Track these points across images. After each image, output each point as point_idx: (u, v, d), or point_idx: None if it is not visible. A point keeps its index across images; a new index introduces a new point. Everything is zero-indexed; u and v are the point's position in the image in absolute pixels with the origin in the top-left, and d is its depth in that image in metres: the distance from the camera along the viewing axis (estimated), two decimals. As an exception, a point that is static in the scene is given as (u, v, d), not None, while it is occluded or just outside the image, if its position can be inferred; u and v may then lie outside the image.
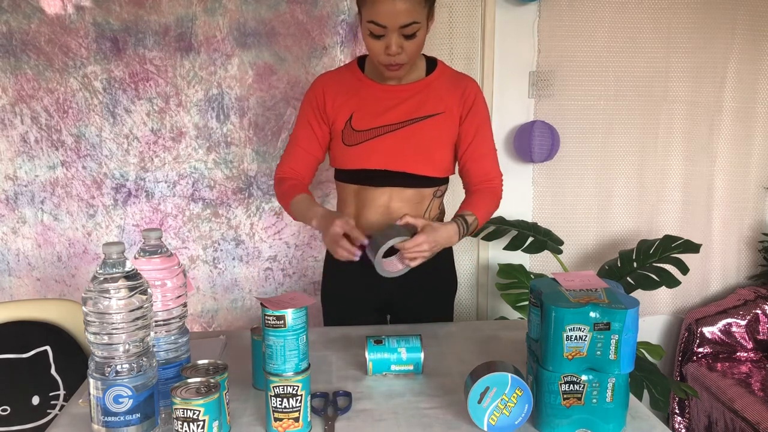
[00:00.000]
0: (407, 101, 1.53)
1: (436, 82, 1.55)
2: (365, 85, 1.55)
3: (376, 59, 1.44)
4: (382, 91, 1.53)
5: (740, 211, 2.54)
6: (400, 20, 1.35)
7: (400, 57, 1.41)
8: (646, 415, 1.13)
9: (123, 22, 2.13)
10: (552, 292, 1.07)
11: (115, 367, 0.95)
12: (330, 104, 1.55)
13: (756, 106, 2.46)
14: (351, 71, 1.58)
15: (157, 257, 1.08)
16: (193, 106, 2.21)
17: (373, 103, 1.53)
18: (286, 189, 1.57)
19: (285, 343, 1.02)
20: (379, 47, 1.40)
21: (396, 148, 1.52)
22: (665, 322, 2.62)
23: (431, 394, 1.20)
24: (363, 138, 1.52)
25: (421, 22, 1.39)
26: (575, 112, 2.40)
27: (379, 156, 1.52)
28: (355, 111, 1.53)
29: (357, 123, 1.53)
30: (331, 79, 1.58)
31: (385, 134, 1.52)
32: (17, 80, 2.13)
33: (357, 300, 1.64)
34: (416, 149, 1.52)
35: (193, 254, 2.30)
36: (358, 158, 1.53)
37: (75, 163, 2.20)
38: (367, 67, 1.57)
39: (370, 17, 1.37)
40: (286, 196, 1.56)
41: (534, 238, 2.26)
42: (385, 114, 1.52)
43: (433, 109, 1.53)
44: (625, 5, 2.34)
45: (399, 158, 1.52)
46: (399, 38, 1.38)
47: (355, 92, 1.55)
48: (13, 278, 2.25)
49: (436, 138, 1.54)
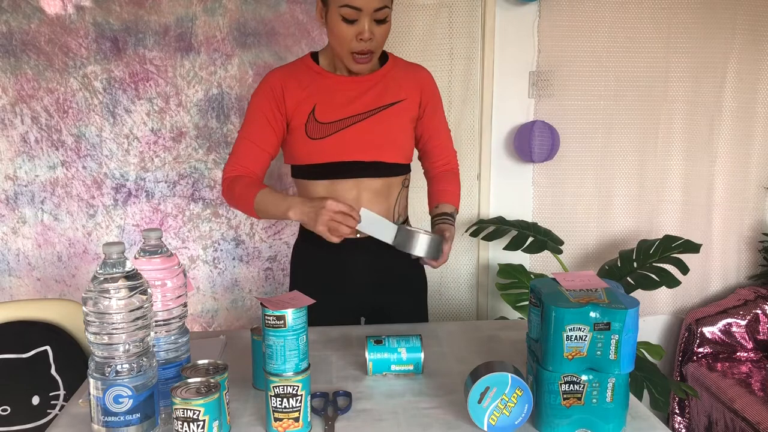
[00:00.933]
0: (369, 91, 1.53)
1: (392, 72, 1.56)
2: (324, 77, 1.53)
3: (345, 48, 1.43)
4: (343, 82, 1.52)
5: (740, 211, 2.54)
6: (374, 3, 1.37)
7: (371, 43, 1.42)
8: (646, 415, 1.13)
9: (123, 22, 2.13)
10: (552, 292, 1.07)
11: (115, 367, 0.95)
12: (290, 97, 1.51)
13: (756, 106, 2.46)
14: (305, 64, 1.55)
15: (157, 257, 1.08)
16: (193, 106, 2.21)
17: (335, 94, 1.52)
18: (243, 187, 1.48)
19: (285, 343, 1.02)
20: (350, 33, 1.40)
21: (365, 137, 1.51)
22: (665, 322, 2.62)
23: (431, 394, 1.20)
24: (330, 130, 1.50)
25: (390, 8, 1.42)
26: (575, 112, 2.40)
27: (350, 147, 1.50)
28: (318, 103, 1.50)
29: (321, 115, 1.50)
30: (287, 72, 1.54)
31: (353, 124, 1.51)
32: (17, 80, 2.13)
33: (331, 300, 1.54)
34: (384, 137, 1.53)
35: (193, 254, 2.30)
36: (328, 151, 1.50)
37: (75, 163, 2.20)
38: (323, 60, 1.55)
39: (345, 1, 1.37)
40: (246, 194, 1.47)
41: (534, 238, 2.26)
42: (350, 105, 1.51)
43: (395, 96, 1.54)
44: (625, 5, 2.34)
45: (370, 147, 1.51)
46: (371, 23, 1.40)
47: (314, 85, 1.52)
48: (13, 278, 2.25)
49: (400, 124, 1.56)
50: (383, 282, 1.61)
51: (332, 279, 1.58)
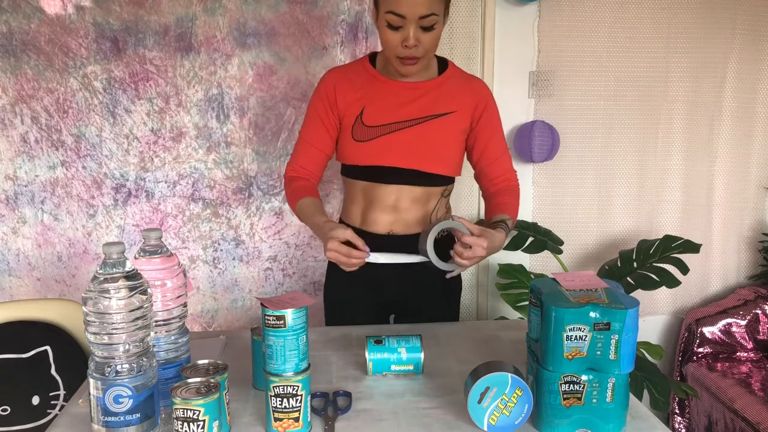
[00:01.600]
0: (420, 99, 1.52)
1: (448, 82, 1.54)
2: (377, 80, 1.53)
3: (392, 53, 1.42)
4: (395, 87, 1.52)
5: (740, 211, 2.54)
6: (419, 11, 1.34)
7: (417, 50, 1.40)
8: (646, 415, 1.13)
9: (123, 22, 2.13)
10: (552, 292, 1.07)
11: (115, 367, 0.95)
12: (341, 98, 1.53)
13: (756, 106, 2.46)
14: (363, 66, 1.56)
15: (157, 257, 1.08)
16: (193, 106, 2.21)
17: (385, 98, 1.52)
18: (294, 189, 1.55)
19: (285, 343, 1.02)
20: (396, 39, 1.39)
21: (408, 145, 1.50)
22: (665, 322, 2.62)
23: (431, 394, 1.20)
24: (374, 134, 1.51)
25: (439, 15, 1.38)
26: (575, 112, 2.40)
27: (390, 153, 1.51)
28: (367, 106, 1.52)
29: (368, 118, 1.51)
30: (342, 73, 1.57)
31: (397, 131, 1.50)
32: (17, 80, 2.13)
33: (360, 301, 1.64)
34: (428, 147, 1.51)
35: (193, 254, 2.30)
36: (369, 155, 1.52)
37: (75, 163, 2.20)
38: (379, 63, 1.55)
39: (389, 7, 1.35)
40: (294, 197, 1.54)
41: (534, 238, 2.26)
42: (398, 110, 1.51)
43: (446, 108, 1.52)
44: (625, 5, 2.34)
45: (410, 155, 1.51)
46: (417, 30, 1.37)
47: (367, 87, 1.53)
48: (13, 278, 2.25)
49: (447, 136, 1.53)
50: (418, 284, 1.60)
51: (368, 278, 1.56)
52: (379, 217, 1.57)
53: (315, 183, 1.60)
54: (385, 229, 1.57)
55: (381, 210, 1.56)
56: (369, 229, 1.58)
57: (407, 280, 1.58)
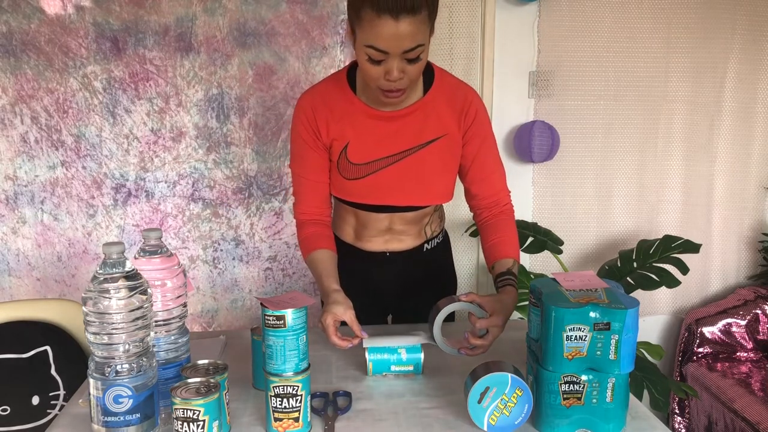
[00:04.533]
0: (407, 127, 1.37)
1: (436, 99, 1.38)
2: (358, 109, 1.36)
3: (373, 84, 1.26)
4: (378, 117, 1.36)
5: (740, 211, 2.54)
6: (403, 45, 1.17)
7: (402, 82, 1.23)
8: (646, 415, 1.13)
9: (123, 22, 2.13)
10: (552, 292, 1.07)
11: (115, 367, 0.95)
12: (323, 129, 1.37)
13: (756, 106, 2.46)
14: (340, 88, 1.38)
15: (157, 257, 1.08)
16: (193, 106, 2.21)
17: (369, 131, 1.37)
18: (305, 237, 1.43)
19: (285, 343, 1.02)
20: (377, 72, 1.22)
21: (398, 181, 1.39)
22: (665, 322, 2.62)
23: (431, 394, 1.20)
24: (362, 173, 1.38)
25: (425, 43, 1.21)
26: (575, 112, 2.40)
27: (380, 192, 1.40)
28: (351, 141, 1.37)
29: (353, 155, 1.38)
30: (319, 98, 1.38)
31: (386, 167, 1.38)
32: (17, 80, 2.13)
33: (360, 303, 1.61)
34: (419, 180, 1.39)
35: (193, 254, 2.30)
36: (358, 194, 1.41)
37: (75, 163, 2.20)
38: (359, 83, 1.37)
39: (369, 41, 1.18)
40: (305, 246, 1.42)
41: (534, 238, 2.26)
42: (384, 143, 1.37)
43: (435, 131, 1.37)
44: (625, 5, 2.34)
45: (402, 193, 1.40)
46: (401, 63, 1.20)
47: (347, 118, 1.37)
48: (13, 278, 2.25)
49: (439, 165, 1.40)
50: (414, 285, 1.58)
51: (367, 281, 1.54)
52: (373, 239, 1.51)
53: (327, 222, 1.47)
54: (380, 247, 1.52)
55: (375, 233, 1.50)
56: (364, 248, 1.52)
57: (406, 280, 1.58)
